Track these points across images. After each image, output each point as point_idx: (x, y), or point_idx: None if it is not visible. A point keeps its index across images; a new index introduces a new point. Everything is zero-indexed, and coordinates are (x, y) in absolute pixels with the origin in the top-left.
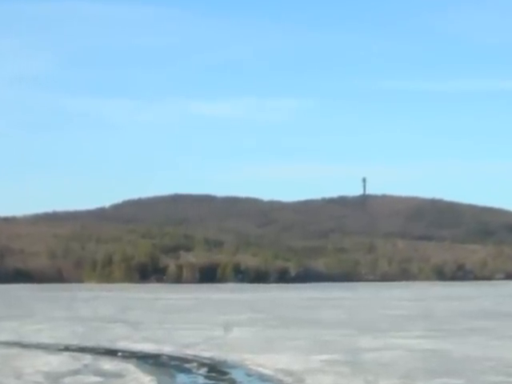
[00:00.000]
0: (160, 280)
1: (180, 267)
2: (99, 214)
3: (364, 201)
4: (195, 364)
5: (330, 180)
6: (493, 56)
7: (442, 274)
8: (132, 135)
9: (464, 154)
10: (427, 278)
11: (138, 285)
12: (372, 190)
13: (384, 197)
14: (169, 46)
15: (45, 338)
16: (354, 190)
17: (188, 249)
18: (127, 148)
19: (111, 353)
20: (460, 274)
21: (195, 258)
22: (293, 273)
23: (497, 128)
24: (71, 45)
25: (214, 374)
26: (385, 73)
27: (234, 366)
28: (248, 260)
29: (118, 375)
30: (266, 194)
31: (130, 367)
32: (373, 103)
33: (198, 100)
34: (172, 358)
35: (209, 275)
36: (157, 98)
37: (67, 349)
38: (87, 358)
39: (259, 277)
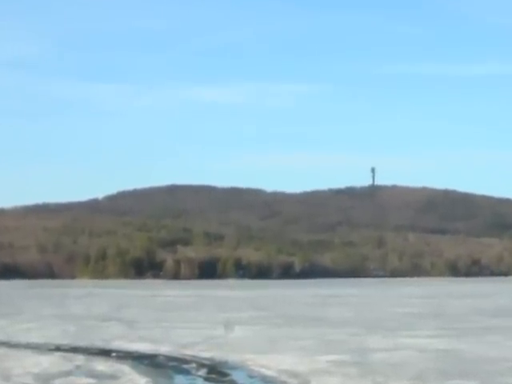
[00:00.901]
0: (157, 276)
1: (178, 262)
2: (92, 206)
3: (373, 192)
4: (194, 365)
5: (336, 170)
6: (509, 38)
7: (455, 270)
8: (128, 122)
9: (479, 142)
10: (440, 274)
11: (133, 281)
12: (381, 180)
13: (394, 188)
14: (168, 29)
15: (35, 338)
16: (362, 181)
17: (186, 243)
18: (122, 136)
19: (105, 353)
20: (475, 269)
21: (194, 252)
22: (297, 268)
23: None
24: (67, 28)
25: (213, 376)
26: (395, 56)
27: (235, 367)
28: (250, 255)
29: (112, 377)
30: (269, 185)
31: (125, 368)
32: (382, 88)
33: (198, 85)
34: (169, 358)
35: (208, 271)
36: (154, 83)
37: (58, 349)
38: (79, 359)
39: (262, 272)
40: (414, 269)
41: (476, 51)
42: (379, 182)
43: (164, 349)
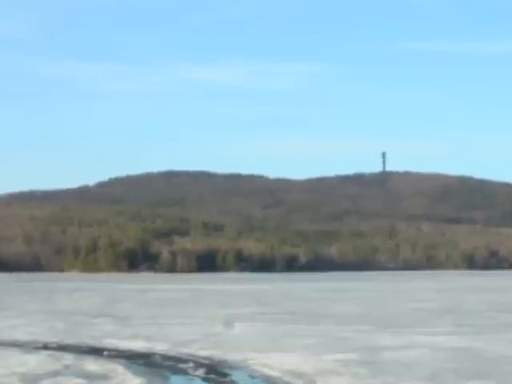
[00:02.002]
0: (152, 269)
1: (174, 254)
2: (82, 194)
3: (384, 178)
4: (192, 364)
5: (344, 155)
6: None
7: (472, 262)
8: (122, 103)
9: (496, 125)
10: (455, 267)
11: (126, 274)
12: (393, 166)
13: (406, 174)
14: (164, 4)
15: (20, 335)
16: (372, 167)
17: (183, 233)
18: (115, 118)
19: (96, 352)
20: (493, 261)
21: (192, 243)
22: (302, 260)
23: None
24: (55, 4)
25: (212, 376)
26: (408, 33)
27: (235, 367)
28: (251, 246)
29: (103, 377)
30: (272, 171)
31: (117, 368)
32: (393, 68)
33: (196, 64)
34: (165, 357)
35: (207, 263)
36: (150, 62)
37: (46, 347)
38: (69, 358)
39: (264, 265)
40: (428, 261)
41: (492, 27)
42: (390, 167)
43: (159, 347)
